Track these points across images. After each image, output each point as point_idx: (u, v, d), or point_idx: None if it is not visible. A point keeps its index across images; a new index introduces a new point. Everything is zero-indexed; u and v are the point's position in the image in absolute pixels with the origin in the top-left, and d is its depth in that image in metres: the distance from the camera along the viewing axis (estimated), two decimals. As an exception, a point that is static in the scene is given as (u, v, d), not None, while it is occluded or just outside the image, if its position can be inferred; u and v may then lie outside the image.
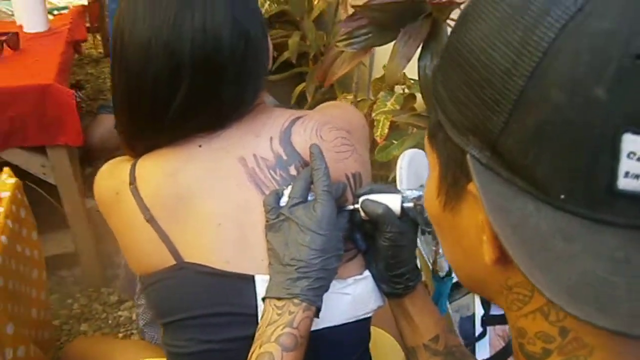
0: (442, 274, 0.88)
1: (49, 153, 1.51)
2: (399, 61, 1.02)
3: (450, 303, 1.12)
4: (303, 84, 2.27)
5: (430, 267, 0.93)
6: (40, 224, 1.72)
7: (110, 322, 1.69)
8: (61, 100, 1.43)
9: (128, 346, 0.99)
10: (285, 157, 0.67)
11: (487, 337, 1.12)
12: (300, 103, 2.37)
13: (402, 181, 1.00)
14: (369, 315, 0.70)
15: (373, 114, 1.92)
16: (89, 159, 2.13)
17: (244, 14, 0.65)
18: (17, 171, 1.55)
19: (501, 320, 1.15)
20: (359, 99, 2.07)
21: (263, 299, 0.61)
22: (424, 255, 0.98)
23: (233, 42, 0.63)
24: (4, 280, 0.85)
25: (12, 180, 1.00)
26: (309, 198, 0.64)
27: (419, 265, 0.72)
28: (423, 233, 0.68)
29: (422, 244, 0.87)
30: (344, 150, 0.70)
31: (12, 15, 1.87)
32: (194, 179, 0.66)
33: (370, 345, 0.83)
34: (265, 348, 0.57)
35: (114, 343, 1.04)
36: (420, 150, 1.16)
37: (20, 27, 1.73)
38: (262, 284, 0.63)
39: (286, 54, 2.26)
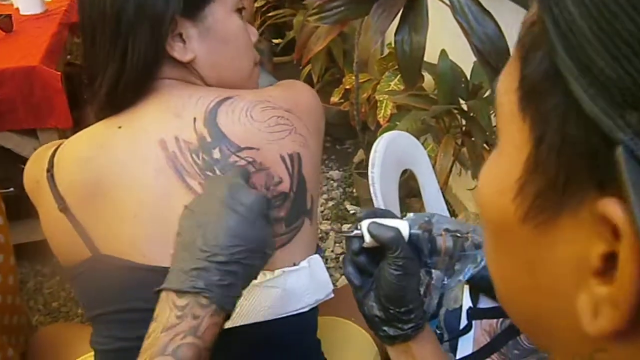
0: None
1: (40, 136, 1.51)
2: (372, 35, 0.95)
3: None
4: (309, 67, 2.21)
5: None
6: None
7: (106, 305, 1.69)
8: (47, 82, 1.41)
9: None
10: (209, 139, 0.61)
11: (472, 331, 1.05)
12: (309, 84, 2.31)
13: (374, 166, 0.93)
14: (305, 309, 0.63)
15: (376, 95, 1.84)
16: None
17: None
18: (13, 155, 1.56)
19: (489, 314, 1.07)
20: (365, 80, 1.99)
21: (158, 292, 0.49)
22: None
23: None
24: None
25: (-24, 163, 0.98)
26: None
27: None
28: (424, 265, 0.57)
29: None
30: (279, 130, 0.63)
31: (10, -3, 1.87)
32: (110, 164, 0.61)
33: (336, 338, 0.78)
34: None
35: (84, 330, 1.02)
36: (404, 133, 1.09)
37: (17, 10, 1.73)
38: None
39: (291, 33, 2.19)
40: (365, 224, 0.54)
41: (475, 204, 1.99)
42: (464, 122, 1.48)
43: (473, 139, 1.39)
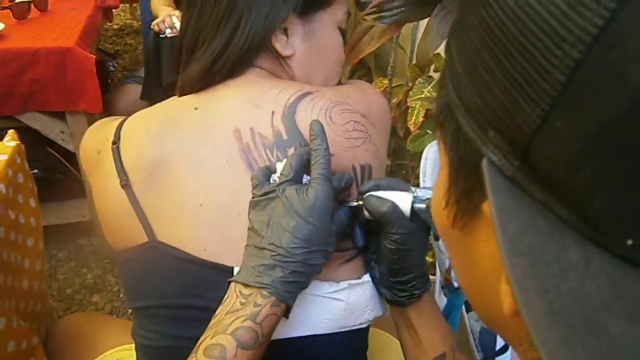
0: (456, 283, 0.78)
1: (68, 119, 1.49)
2: (432, 39, 0.91)
3: (469, 312, 1.02)
4: (338, 66, 2.18)
5: (442, 276, 0.83)
6: (58, 192, 1.72)
7: (121, 295, 1.66)
8: (82, 64, 1.39)
9: (122, 325, 0.94)
10: (285, 137, 0.58)
11: (509, 351, 1.01)
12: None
13: (425, 174, 0.90)
14: (364, 326, 0.60)
15: (408, 101, 1.81)
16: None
17: None
18: (39, 137, 1.54)
19: (527, 335, 1.04)
20: (395, 84, 1.95)
21: (229, 282, 0.52)
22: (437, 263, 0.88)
23: None
24: (-9, 247, 0.81)
25: (13, 143, 0.95)
26: (304, 181, 0.55)
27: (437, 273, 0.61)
28: (436, 239, 0.57)
29: (435, 249, 0.77)
30: (355, 136, 0.60)
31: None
32: (180, 146, 0.58)
33: (374, 350, 0.75)
34: (218, 339, 0.48)
35: (107, 321, 0.99)
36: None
37: (52, -11, 1.70)
38: None
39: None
40: (366, 196, 0.56)
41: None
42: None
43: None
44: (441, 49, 0.98)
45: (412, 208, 0.54)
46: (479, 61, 0.24)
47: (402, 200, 0.55)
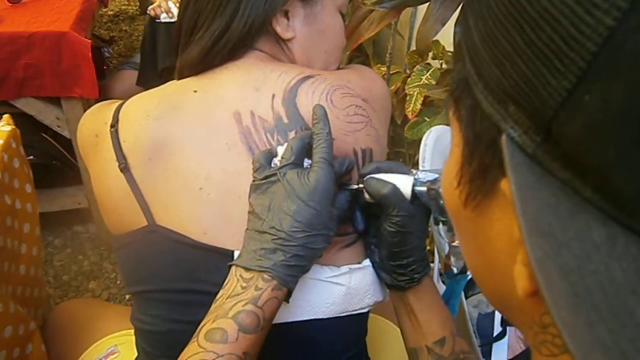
0: (455, 269, 0.77)
1: (64, 105, 1.47)
2: (432, 24, 0.90)
3: (467, 298, 1.02)
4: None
5: (442, 262, 0.83)
6: (54, 178, 1.71)
7: (118, 282, 1.66)
8: (77, 49, 1.37)
9: (120, 312, 0.94)
10: (286, 120, 0.58)
11: (506, 337, 1.02)
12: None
13: (424, 160, 0.89)
14: (364, 310, 0.61)
15: (406, 88, 1.80)
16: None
17: None
18: (34, 123, 1.52)
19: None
20: (392, 72, 1.95)
21: (229, 266, 0.52)
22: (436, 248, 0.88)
23: None
24: (-13, 233, 0.80)
25: (8, 128, 0.94)
26: (305, 165, 0.54)
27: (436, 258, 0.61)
28: (437, 223, 0.57)
29: (435, 233, 0.77)
30: (356, 120, 0.60)
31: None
32: (180, 128, 0.57)
33: (373, 336, 0.75)
34: (219, 323, 0.48)
35: (105, 307, 0.99)
36: (449, 128, 1.05)
37: (46, -28, 1.68)
38: None
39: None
40: (367, 178, 0.56)
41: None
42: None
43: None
44: (440, 36, 0.97)
45: (413, 191, 0.54)
46: (500, 32, 0.23)
47: (403, 182, 0.54)
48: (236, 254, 0.54)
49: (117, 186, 0.58)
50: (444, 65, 1.83)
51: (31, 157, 1.60)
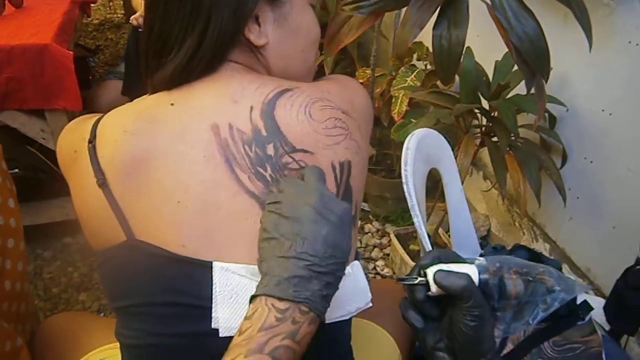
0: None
1: (48, 117, 1.47)
2: (410, 29, 0.91)
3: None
4: (321, 57, 2.16)
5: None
6: (42, 191, 1.70)
7: (108, 293, 1.65)
8: (59, 61, 1.37)
9: (108, 324, 0.93)
10: (264, 133, 0.58)
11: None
12: (319, 77, 2.26)
13: (407, 162, 0.90)
14: (345, 318, 0.60)
15: (391, 90, 1.81)
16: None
17: None
18: (19, 136, 1.52)
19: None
20: (377, 74, 1.95)
21: (252, 298, 0.49)
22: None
23: None
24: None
25: (-10, 143, 0.93)
26: None
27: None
28: (493, 309, 0.55)
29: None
30: (335, 134, 0.60)
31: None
32: (157, 142, 0.57)
33: (363, 341, 0.75)
34: (254, 359, 0.45)
35: (92, 320, 0.98)
36: (432, 130, 1.06)
37: (27, -15, 1.67)
38: (220, 273, 0.54)
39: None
40: (430, 272, 0.51)
41: (484, 206, 1.97)
42: (484, 121, 1.45)
43: (495, 139, 1.37)
44: (421, 37, 0.97)
45: (479, 280, 0.52)
46: None
47: (472, 272, 0.51)
48: (215, 265, 0.54)
49: (96, 202, 0.58)
50: (429, 67, 1.84)
51: (16, 170, 1.59)
